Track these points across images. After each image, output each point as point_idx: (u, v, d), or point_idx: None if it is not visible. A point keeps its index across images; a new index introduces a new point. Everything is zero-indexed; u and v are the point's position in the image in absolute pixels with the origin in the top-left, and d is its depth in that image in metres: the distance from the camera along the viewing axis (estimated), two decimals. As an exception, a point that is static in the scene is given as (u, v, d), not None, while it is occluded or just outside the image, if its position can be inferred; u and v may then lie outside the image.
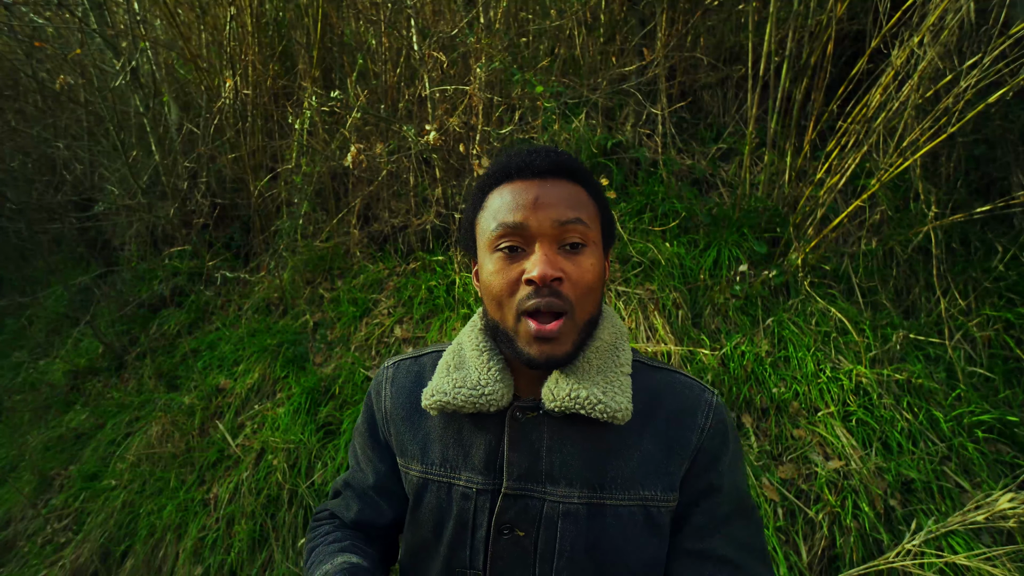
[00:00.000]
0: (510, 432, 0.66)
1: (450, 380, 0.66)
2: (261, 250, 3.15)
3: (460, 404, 0.64)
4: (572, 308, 0.61)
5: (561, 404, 0.62)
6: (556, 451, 0.65)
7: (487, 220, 0.64)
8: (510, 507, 0.64)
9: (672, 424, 0.66)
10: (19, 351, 3.74)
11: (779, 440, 1.80)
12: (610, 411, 0.61)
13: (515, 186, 0.64)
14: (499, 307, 0.63)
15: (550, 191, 0.62)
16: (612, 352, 0.67)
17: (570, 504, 0.63)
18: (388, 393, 0.75)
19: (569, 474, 0.64)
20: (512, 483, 0.64)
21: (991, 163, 2.33)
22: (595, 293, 0.64)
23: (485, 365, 0.67)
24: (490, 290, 0.63)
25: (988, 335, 1.99)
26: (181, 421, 2.35)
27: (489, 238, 0.63)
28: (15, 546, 2.34)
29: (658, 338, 2.01)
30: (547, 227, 0.61)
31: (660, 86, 2.63)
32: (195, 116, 3.30)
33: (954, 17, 1.76)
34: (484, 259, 0.65)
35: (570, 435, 0.65)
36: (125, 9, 3.15)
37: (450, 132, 2.46)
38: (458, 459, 0.68)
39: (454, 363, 0.69)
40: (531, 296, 0.60)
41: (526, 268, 0.60)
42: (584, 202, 0.64)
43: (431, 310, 2.37)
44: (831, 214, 2.17)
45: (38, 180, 3.89)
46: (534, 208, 0.61)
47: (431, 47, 2.48)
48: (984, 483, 1.62)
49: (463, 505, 0.66)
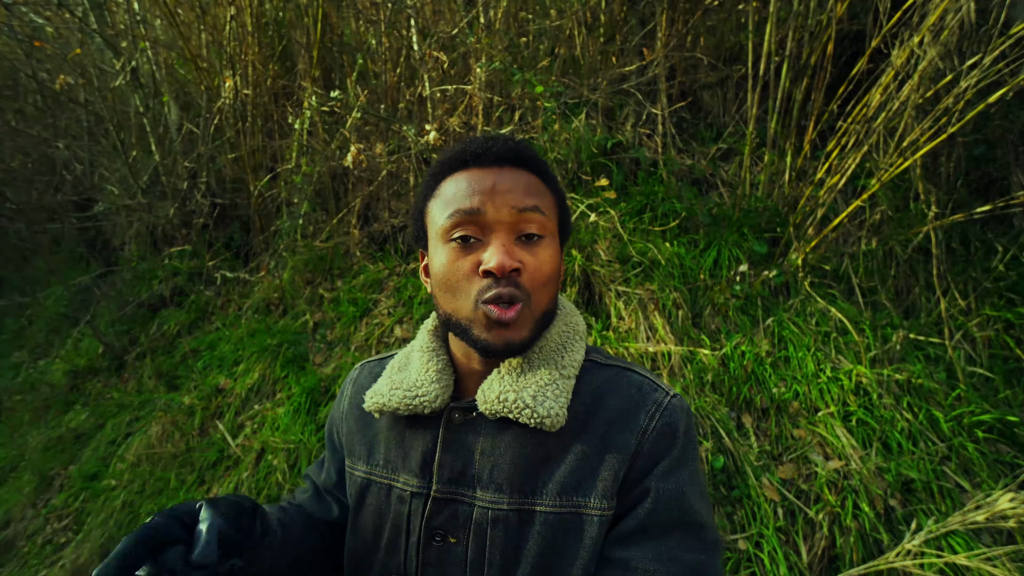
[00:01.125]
0: (444, 434, 0.64)
1: (390, 382, 0.66)
2: (261, 250, 3.15)
3: (395, 406, 0.63)
4: (529, 298, 0.59)
5: (491, 407, 0.60)
6: (488, 455, 0.62)
7: (440, 208, 0.61)
8: (440, 511, 0.62)
9: (611, 426, 0.61)
10: (19, 351, 3.74)
11: (779, 440, 1.80)
12: (538, 417, 0.58)
13: (471, 173, 0.61)
14: (453, 298, 0.60)
15: (508, 178, 0.60)
16: (557, 353, 0.64)
17: (499, 510, 0.60)
18: (348, 393, 0.76)
19: (499, 479, 0.61)
20: (441, 486, 0.62)
21: (991, 163, 2.33)
22: (552, 285, 0.62)
23: (424, 366, 0.66)
24: (444, 282, 0.60)
25: (988, 335, 1.99)
26: (181, 421, 2.35)
27: (443, 226, 0.60)
28: (15, 546, 2.34)
29: (658, 338, 2.01)
30: (504, 214, 0.58)
31: (660, 86, 2.63)
32: (195, 116, 3.30)
33: (954, 17, 1.76)
34: (436, 249, 0.62)
35: (504, 439, 0.62)
36: (125, 9, 3.15)
37: (450, 132, 2.46)
38: (398, 460, 0.67)
39: (399, 364, 0.69)
40: (489, 287, 0.57)
41: (483, 259, 0.58)
42: (542, 191, 0.63)
43: (431, 310, 2.37)
44: (831, 214, 2.17)
45: (38, 180, 3.89)
46: (491, 194, 0.59)
47: (431, 47, 2.48)
48: (984, 483, 1.62)
49: (398, 508, 0.65)
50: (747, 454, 1.74)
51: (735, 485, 1.70)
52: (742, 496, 1.68)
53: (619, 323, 2.08)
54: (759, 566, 1.55)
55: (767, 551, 1.56)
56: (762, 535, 1.60)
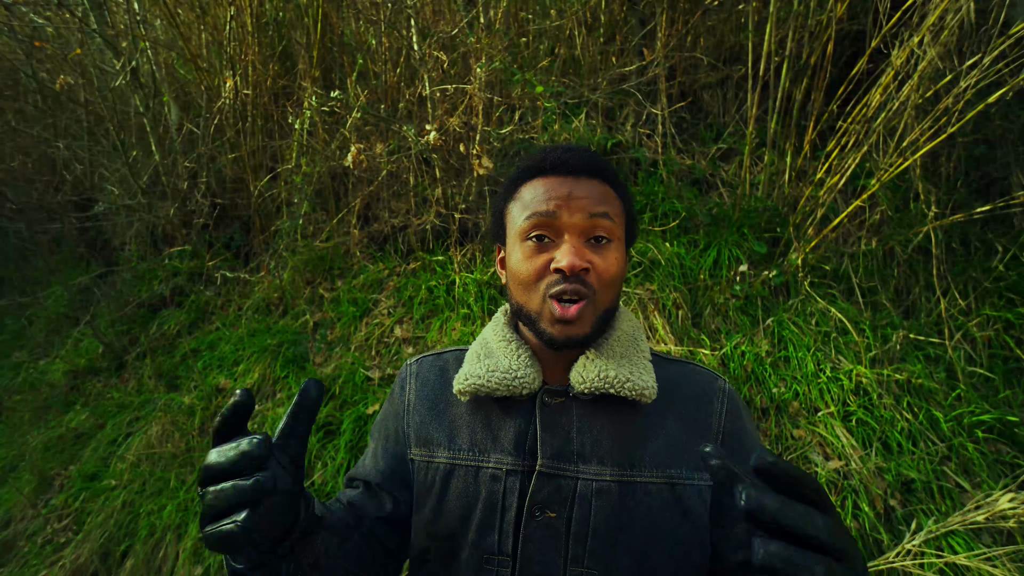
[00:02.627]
0: (541, 414, 0.68)
1: (482, 366, 0.69)
2: (261, 250, 3.15)
3: (494, 387, 0.67)
4: (594, 295, 0.64)
5: (591, 385, 0.65)
6: (586, 432, 0.67)
7: (519, 210, 0.68)
8: (543, 487, 0.65)
9: (691, 410, 0.70)
10: (19, 351, 3.74)
11: (779, 440, 1.80)
12: (638, 389, 0.64)
13: (549, 180, 0.67)
14: (525, 291, 0.66)
15: (582, 187, 0.66)
16: (633, 341, 0.71)
17: (603, 482, 0.65)
18: (413, 386, 0.77)
19: (600, 453, 0.66)
20: (546, 461, 0.65)
21: (991, 163, 2.33)
22: (617, 285, 0.67)
23: (515, 352, 0.70)
24: (518, 276, 0.66)
25: (988, 335, 1.99)
26: (181, 421, 2.35)
27: (521, 227, 0.66)
28: (15, 546, 2.34)
29: (658, 338, 2.01)
30: (577, 219, 0.64)
31: (660, 86, 2.63)
32: (195, 116, 3.30)
33: (954, 17, 1.76)
34: (514, 247, 0.68)
35: (598, 417, 0.68)
36: (125, 9, 3.14)
37: (450, 132, 2.46)
38: (487, 442, 0.69)
39: (482, 353, 0.72)
40: (558, 282, 0.63)
41: (555, 257, 0.64)
42: (612, 200, 0.68)
43: (431, 310, 2.37)
44: (831, 214, 2.17)
45: (38, 180, 3.89)
46: (567, 201, 0.65)
47: (431, 47, 2.48)
48: (984, 483, 1.62)
49: (492, 487, 0.66)
50: (747, 454, 1.74)
51: (735, 485, 1.70)
52: (742, 496, 1.67)
53: (619, 323, 2.08)
54: (759, 566, 1.55)
55: (767, 551, 1.56)
56: (762, 535, 1.59)
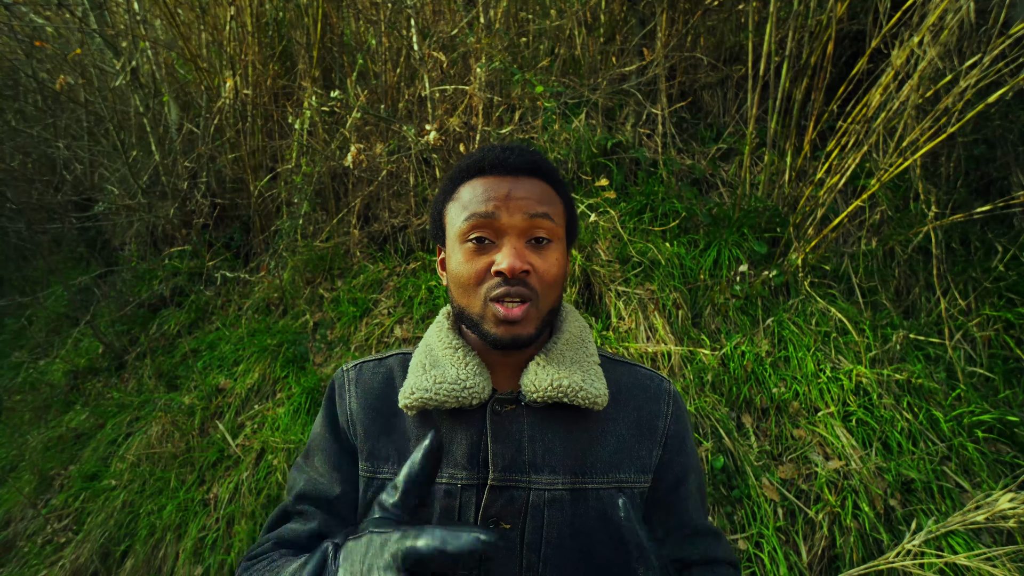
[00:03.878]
0: (492, 425, 0.66)
1: (428, 377, 0.66)
2: (261, 250, 3.15)
3: (443, 399, 0.64)
4: (537, 297, 0.64)
5: (543, 394, 0.64)
6: (538, 441, 0.66)
7: (457, 211, 0.66)
8: (496, 499, 0.64)
9: (640, 413, 0.71)
10: (19, 351, 3.74)
11: (779, 440, 1.80)
12: (591, 398, 0.64)
13: (488, 180, 0.65)
14: (466, 294, 0.65)
15: (522, 187, 0.65)
16: (581, 343, 0.71)
17: (555, 491, 0.64)
18: (353, 394, 0.72)
19: (552, 462, 0.65)
20: (498, 474, 0.64)
21: (991, 163, 2.33)
22: (559, 285, 0.67)
23: (462, 361, 0.67)
24: (459, 279, 0.65)
25: (988, 335, 1.99)
26: (181, 421, 2.35)
27: (460, 228, 0.65)
28: (15, 546, 2.34)
29: (658, 338, 2.01)
30: (517, 220, 0.63)
31: (660, 86, 2.63)
32: (195, 116, 3.30)
33: (954, 17, 1.76)
34: (453, 249, 0.66)
35: (550, 425, 0.67)
36: (125, 9, 3.14)
37: (450, 132, 2.46)
38: None
39: (428, 361, 0.69)
40: (499, 285, 0.62)
41: (495, 260, 0.62)
42: (553, 199, 0.67)
43: (431, 310, 2.37)
44: (831, 214, 2.17)
45: (38, 180, 3.88)
46: (506, 201, 0.63)
47: (431, 47, 2.48)
48: (984, 483, 1.62)
49: (447, 503, 0.64)
50: (747, 454, 1.74)
51: (735, 485, 1.70)
52: (742, 496, 1.68)
53: (619, 323, 2.08)
54: (759, 566, 1.55)
55: (767, 551, 1.56)
56: (762, 535, 1.60)
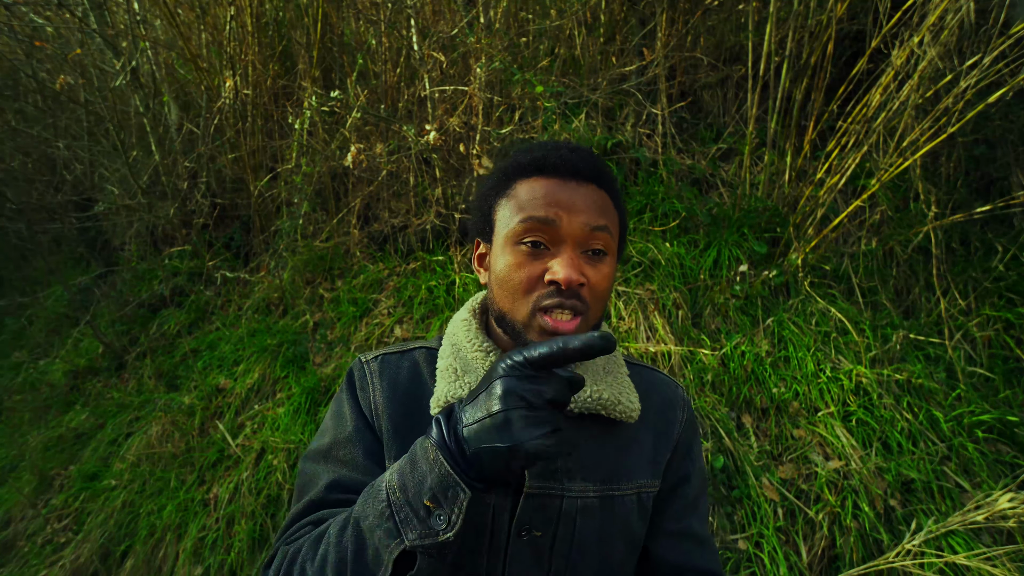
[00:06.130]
0: None
1: (462, 384, 0.64)
2: (261, 250, 3.15)
3: None
4: (587, 310, 0.62)
5: (582, 406, 0.64)
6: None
7: (513, 209, 0.63)
8: (531, 506, 0.63)
9: (660, 419, 0.72)
10: (19, 351, 3.74)
11: (779, 440, 1.80)
12: (627, 411, 0.66)
13: (550, 182, 0.62)
14: (512, 299, 0.62)
15: (584, 195, 0.62)
16: (611, 355, 0.70)
17: (587, 499, 0.65)
18: (378, 387, 0.69)
19: (584, 470, 0.65)
20: (533, 482, 0.63)
21: (991, 163, 2.33)
22: (606, 299, 0.65)
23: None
24: (507, 282, 0.62)
25: (988, 335, 1.99)
26: (181, 421, 2.35)
27: (513, 229, 0.61)
28: (15, 546, 2.34)
29: (658, 338, 2.01)
30: (577, 230, 0.60)
31: (660, 86, 2.63)
32: (195, 116, 3.30)
33: (954, 17, 1.76)
34: (502, 248, 0.63)
35: (582, 433, 0.67)
36: (125, 9, 3.14)
37: (450, 132, 2.46)
38: None
39: (459, 366, 0.66)
40: (552, 295, 0.59)
41: (550, 267, 0.60)
42: (611, 212, 0.65)
43: (431, 310, 2.37)
44: (831, 214, 2.17)
45: (38, 180, 3.88)
46: (568, 209, 0.60)
47: (431, 47, 2.48)
48: (984, 483, 1.62)
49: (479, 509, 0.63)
50: (747, 454, 1.74)
51: (735, 485, 1.70)
52: (742, 496, 1.68)
53: (619, 323, 2.08)
54: (759, 566, 1.55)
55: (767, 551, 1.56)
56: (762, 535, 1.60)
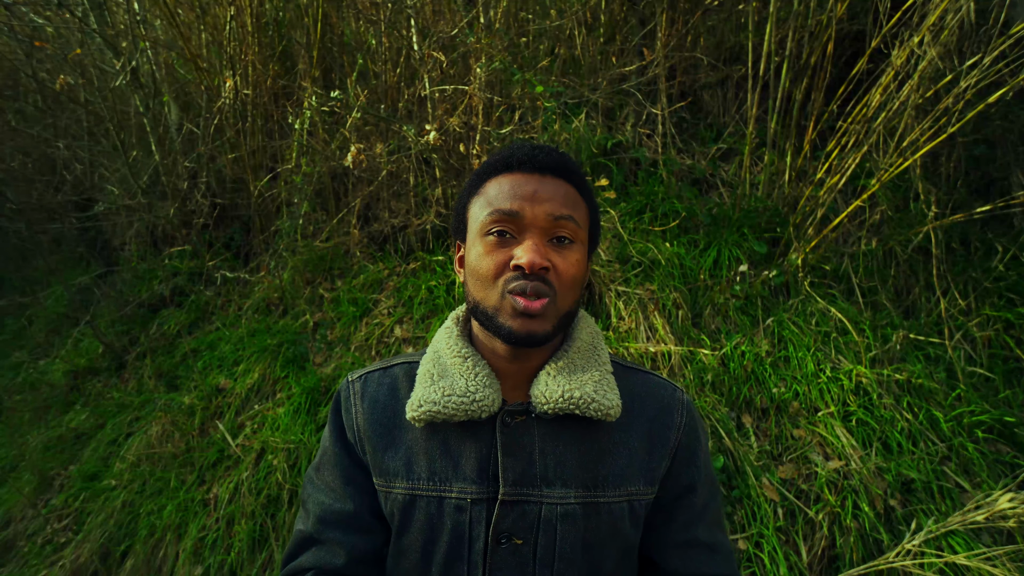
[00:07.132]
0: (502, 437, 0.64)
1: (436, 389, 0.64)
2: (261, 250, 3.15)
3: (451, 412, 0.62)
4: (555, 294, 0.62)
5: (555, 406, 0.62)
6: (549, 453, 0.64)
7: (481, 206, 0.65)
8: (508, 514, 0.63)
9: (653, 423, 0.69)
10: (19, 351, 3.74)
11: (779, 440, 1.80)
12: (603, 409, 0.63)
13: (515, 177, 0.64)
14: (483, 287, 0.63)
15: (548, 187, 0.63)
16: (593, 352, 0.69)
17: (567, 505, 0.63)
18: (359, 408, 0.70)
19: (564, 475, 0.64)
20: (508, 489, 0.63)
21: (991, 163, 2.33)
22: (577, 287, 0.65)
23: (471, 371, 0.65)
24: (477, 271, 0.63)
25: (988, 335, 1.99)
26: (181, 421, 2.35)
27: (482, 222, 0.63)
28: (15, 546, 2.34)
29: (658, 338, 2.01)
30: (541, 219, 0.62)
31: (660, 86, 2.63)
32: (195, 116, 3.30)
33: (954, 17, 1.76)
34: (474, 242, 0.65)
35: (562, 437, 0.65)
36: (125, 9, 3.14)
37: (450, 132, 2.46)
38: (447, 470, 0.65)
39: (437, 372, 0.66)
40: (517, 279, 0.60)
41: (515, 254, 0.61)
42: (578, 203, 0.66)
43: (431, 310, 2.37)
44: (831, 214, 2.17)
45: (38, 180, 3.88)
46: (531, 200, 0.62)
47: (431, 47, 2.48)
48: (984, 483, 1.62)
49: (457, 518, 0.63)
50: (747, 454, 1.74)
51: (735, 485, 1.70)
52: (742, 496, 1.68)
53: (619, 323, 2.08)
54: (759, 566, 1.55)
55: (767, 551, 1.56)
56: (762, 535, 1.60)
